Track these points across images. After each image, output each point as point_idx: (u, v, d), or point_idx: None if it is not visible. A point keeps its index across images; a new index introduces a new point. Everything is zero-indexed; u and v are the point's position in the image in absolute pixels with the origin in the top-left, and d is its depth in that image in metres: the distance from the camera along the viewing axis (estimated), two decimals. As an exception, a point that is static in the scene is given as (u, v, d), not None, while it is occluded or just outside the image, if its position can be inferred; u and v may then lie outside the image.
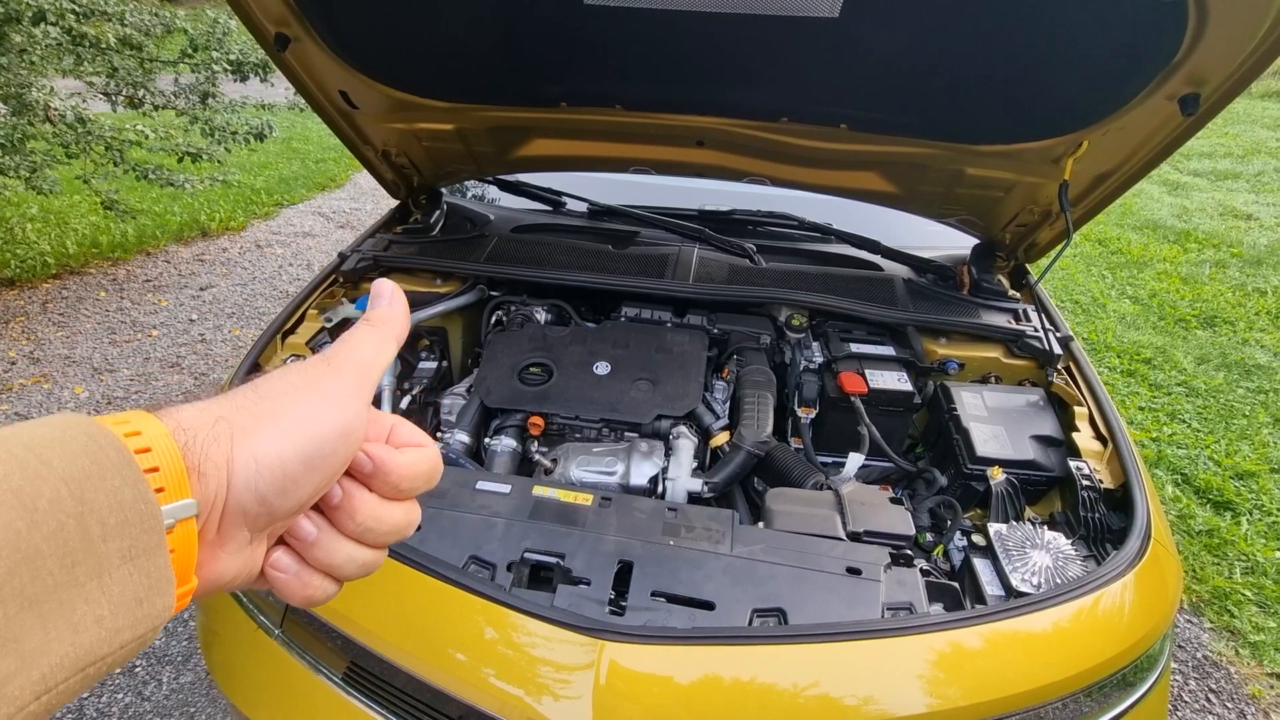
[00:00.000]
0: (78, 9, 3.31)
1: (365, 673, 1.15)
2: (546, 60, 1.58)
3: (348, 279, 1.91)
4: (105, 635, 0.28)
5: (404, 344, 1.87)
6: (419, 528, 1.22)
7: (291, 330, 1.75)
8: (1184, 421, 3.38)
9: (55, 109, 3.49)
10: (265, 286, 4.43)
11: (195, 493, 0.32)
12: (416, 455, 0.42)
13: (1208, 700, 2.14)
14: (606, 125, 1.78)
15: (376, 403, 1.69)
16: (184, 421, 0.33)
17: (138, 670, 2.04)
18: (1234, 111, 9.13)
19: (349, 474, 0.40)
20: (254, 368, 1.58)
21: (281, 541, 0.40)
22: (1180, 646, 2.31)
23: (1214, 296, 4.62)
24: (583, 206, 2.24)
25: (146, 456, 0.30)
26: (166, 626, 2.16)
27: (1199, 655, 2.28)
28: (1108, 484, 1.38)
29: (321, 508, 0.39)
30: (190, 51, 3.99)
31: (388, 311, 0.44)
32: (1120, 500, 1.36)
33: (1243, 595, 2.45)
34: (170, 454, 0.31)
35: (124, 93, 3.88)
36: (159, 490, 0.30)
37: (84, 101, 3.86)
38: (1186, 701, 2.14)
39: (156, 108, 4.02)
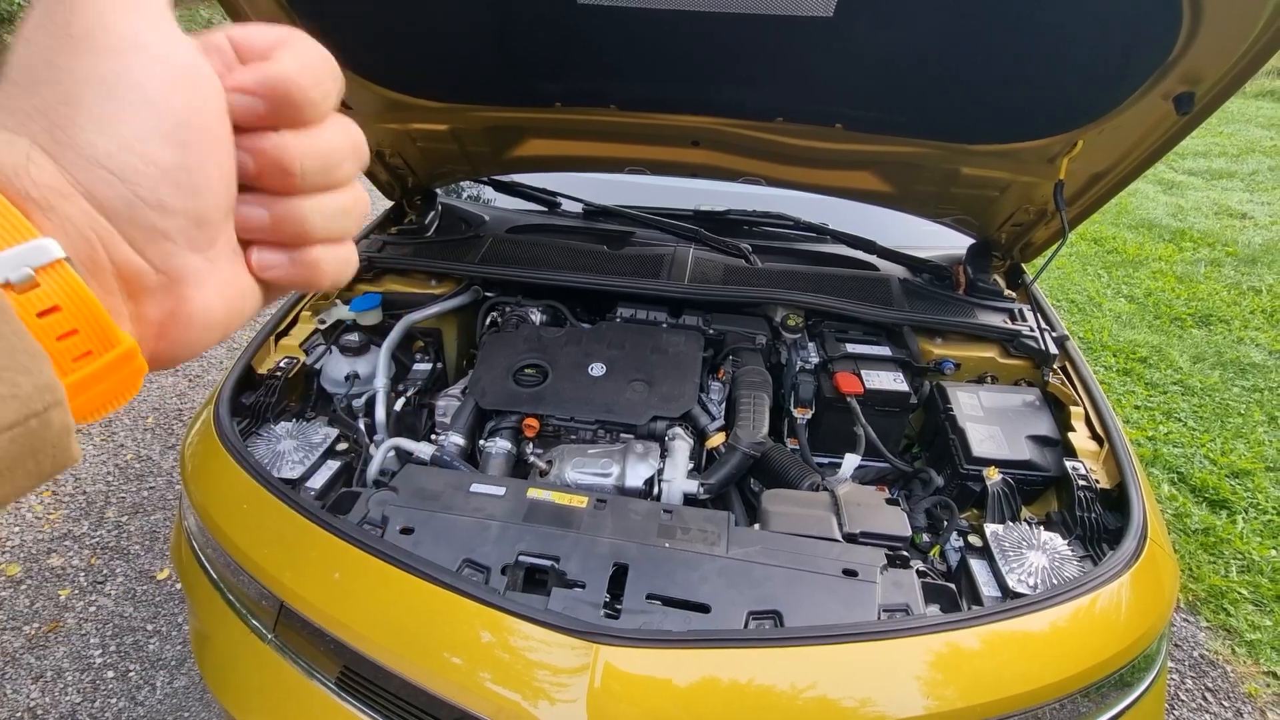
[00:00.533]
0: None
1: (359, 677, 1.14)
2: (541, 60, 1.57)
3: (341, 280, 1.90)
4: None
5: (399, 345, 1.86)
6: (412, 531, 1.22)
7: (285, 332, 1.74)
8: (1180, 420, 3.39)
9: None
10: (260, 288, 4.41)
11: (47, 230, 0.24)
12: (291, 53, 0.30)
13: (1204, 699, 2.15)
14: (601, 125, 1.77)
15: (369, 406, 1.68)
16: None
17: (131, 675, 2.02)
18: (1228, 110, 9.15)
19: (241, 131, 0.30)
20: (247, 370, 1.58)
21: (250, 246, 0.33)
22: (1177, 645, 2.31)
23: (1209, 295, 4.64)
24: (578, 207, 2.24)
25: None
26: (160, 630, 2.15)
27: (1195, 654, 2.28)
28: (1104, 484, 1.38)
29: (254, 185, 0.31)
30: (184, 52, 3.97)
31: None
32: (1116, 500, 1.35)
33: (1239, 594, 2.46)
34: None
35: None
36: None
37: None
38: (1183, 700, 2.14)
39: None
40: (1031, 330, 1.74)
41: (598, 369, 1.68)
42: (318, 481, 1.43)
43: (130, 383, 0.27)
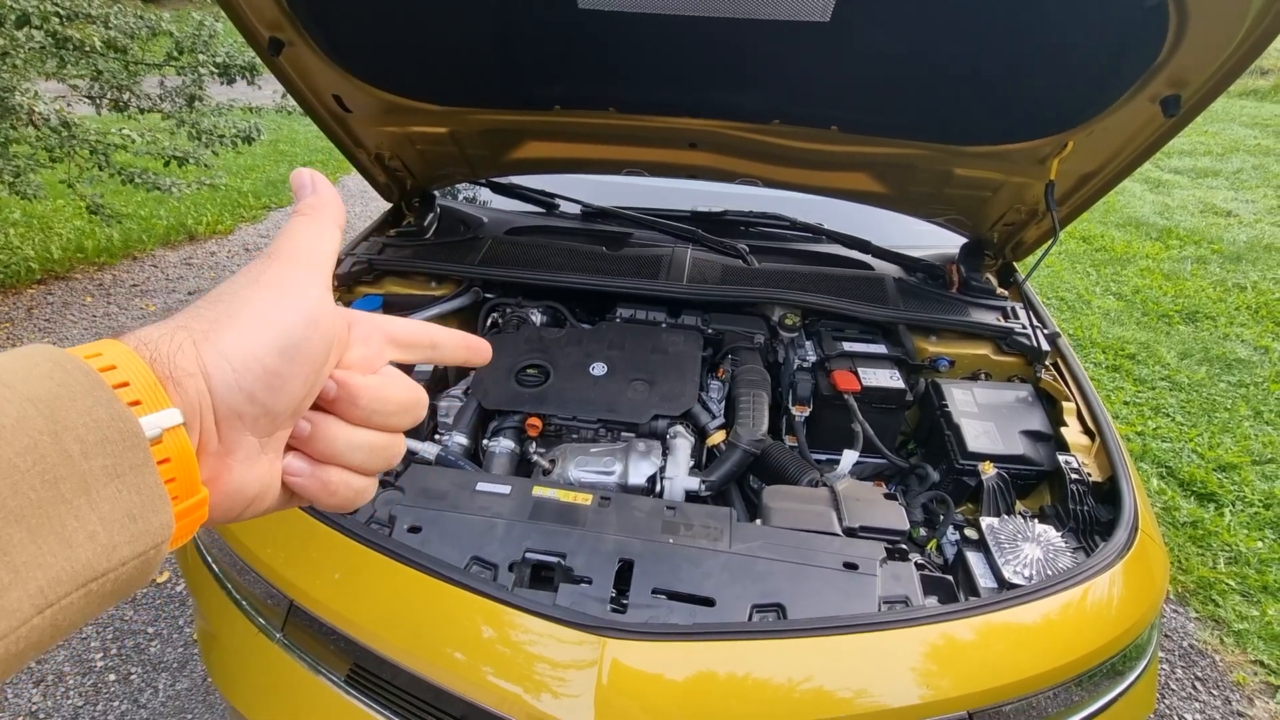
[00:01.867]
0: (62, 12, 3.28)
1: (369, 674, 1.16)
2: (541, 64, 1.59)
3: (341, 283, 1.92)
4: (101, 550, 0.28)
5: None
6: (420, 529, 1.23)
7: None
8: (1168, 415, 3.44)
9: (39, 113, 3.45)
10: (254, 290, 4.40)
11: (175, 401, 0.32)
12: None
13: (1194, 688, 2.19)
14: (600, 128, 1.79)
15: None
16: (144, 338, 0.33)
17: (133, 678, 2.03)
18: (1213, 110, 9.27)
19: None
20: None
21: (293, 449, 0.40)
22: (1167, 636, 2.35)
23: (1195, 292, 4.70)
24: (576, 208, 2.25)
25: (113, 374, 0.30)
26: (161, 633, 2.15)
27: (1185, 644, 2.33)
28: (1096, 477, 1.41)
29: (328, 408, 0.40)
30: (176, 54, 3.95)
31: (315, 199, 0.42)
32: (1108, 493, 1.39)
33: (1227, 585, 2.50)
34: (138, 368, 0.31)
35: (109, 96, 3.84)
36: (134, 404, 0.30)
37: (68, 105, 3.82)
38: (1174, 690, 2.18)
39: (142, 111, 3.98)
40: (1024, 327, 1.77)
41: (599, 369, 1.70)
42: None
43: (193, 525, 0.33)
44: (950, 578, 1.27)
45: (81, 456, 0.28)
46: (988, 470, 1.47)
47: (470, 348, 0.48)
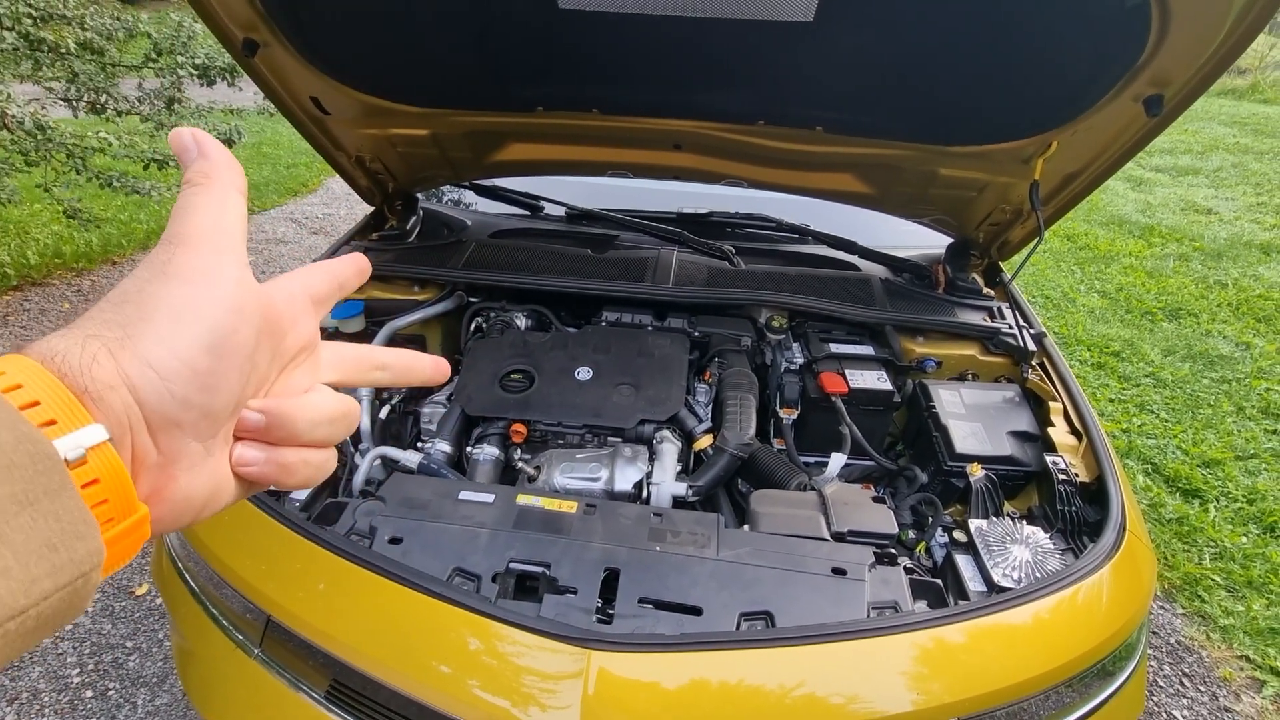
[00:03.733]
0: (35, 13, 3.21)
1: (349, 690, 1.13)
2: (522, 65, 1.57)
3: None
4: (18, 587, 0.26)
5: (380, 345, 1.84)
6: (401, 540, 1.21)
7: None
8: (1152, 412, 3.47)
9: (13, 115, 3.37)
10: (237, 295, 4.33)
11: (97, 417, 0.29)
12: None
13: (1181, 684, 2.20)
14: (584, 129, 1.77)
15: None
16: (51, 350, 0.30)
17: (111, 694, 1.98)
18: (1192, 108, 9.36)
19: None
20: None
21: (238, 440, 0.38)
22: (1154, 632, 2.36)
23: (1178, 289, 4.75)
24: (561, 211, 2.23)
25: (19, 393, 0.28)
26: (140, 647, 2.10)
27: (1172, 640, 2.34)
28: (1083, 478, 1.41)
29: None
30: (154, 56, 3.89)
31: (206, 165, 0.37)
32: (1095, 493, 1.38)
33: (1212, 580, 2.52)
34: (48, 385, 0.28)
35: (85, 98, 3.77)
36: (49, 424, 0.28)
37: (43, 107, 3.75)
38: (1161, 686, 2.19)
39: (120, 113, 3.91)
40: (1010, 327, 1.77)
41: (584, 373, 1.67)
42: (302, 492, 1.41)
43: (135, 545, 0.31)
44: (939, 581, 1.26)
45: None
46: (976, 472, 1.46)
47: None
